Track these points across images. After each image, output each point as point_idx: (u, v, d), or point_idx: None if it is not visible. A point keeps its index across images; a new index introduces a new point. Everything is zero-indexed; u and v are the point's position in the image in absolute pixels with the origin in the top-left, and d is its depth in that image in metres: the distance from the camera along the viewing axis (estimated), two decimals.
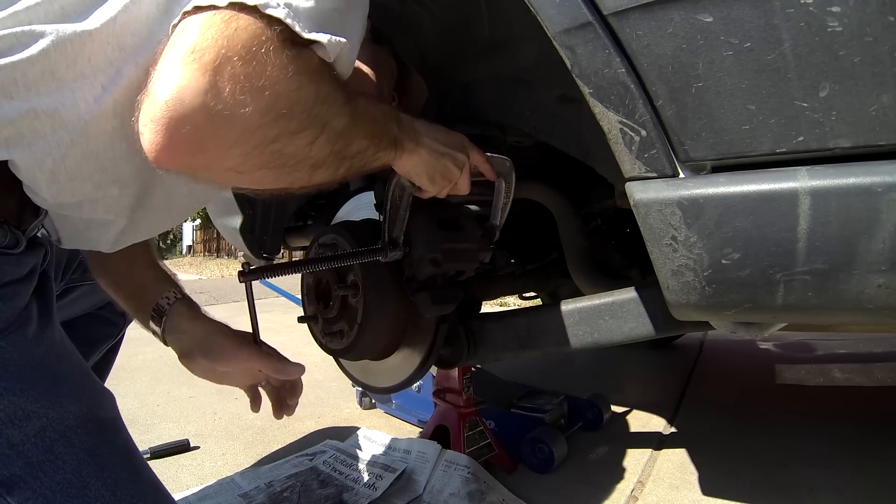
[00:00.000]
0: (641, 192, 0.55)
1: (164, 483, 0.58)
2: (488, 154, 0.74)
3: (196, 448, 1.30)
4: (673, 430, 1.34)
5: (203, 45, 0.37)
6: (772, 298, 0.52)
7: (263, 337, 0.71)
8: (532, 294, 1.91)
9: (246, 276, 0.65)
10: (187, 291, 0.72)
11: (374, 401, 1.57)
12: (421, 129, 0.62)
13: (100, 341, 0.99)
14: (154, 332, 0.69)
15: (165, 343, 0.68)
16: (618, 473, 1.11)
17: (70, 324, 0.94)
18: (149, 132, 0.38)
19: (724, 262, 0.53)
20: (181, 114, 0.37)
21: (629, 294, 0.82)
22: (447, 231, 0.84)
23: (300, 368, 0.72)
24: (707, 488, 1.03)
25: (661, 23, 0.50)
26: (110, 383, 1.08)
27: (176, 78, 0.37)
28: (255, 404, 0.75)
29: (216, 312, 0.72)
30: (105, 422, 0.54)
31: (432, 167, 0.64)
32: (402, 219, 0.72)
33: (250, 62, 0.38)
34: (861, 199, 0.45)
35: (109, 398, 0.58)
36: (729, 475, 1.07)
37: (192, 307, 0.69)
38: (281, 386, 0.75)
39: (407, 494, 0.99)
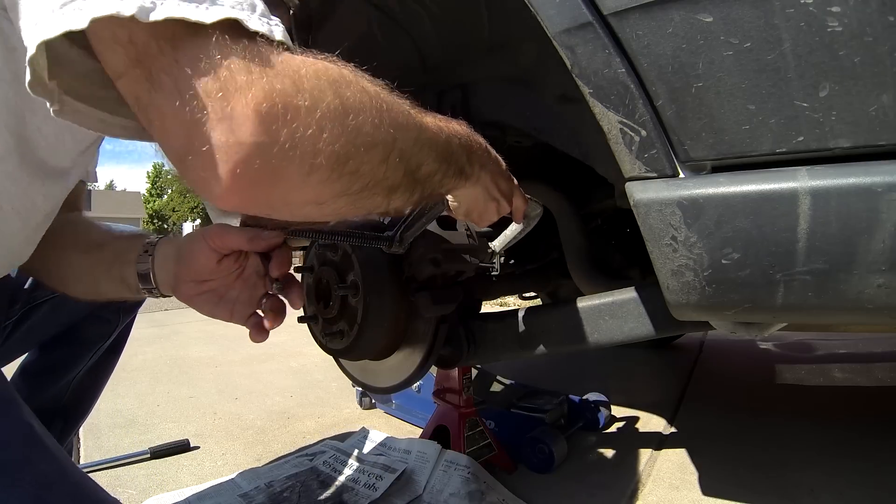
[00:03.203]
0: (641, 192, 0.55)
1: (163, 483, 0.57)
2: (527, 197, 0.74)
3: (196, 448, 1.30)
4: (673, 430, 1.34)
5: (237, 81, 0.33)
6: (772, 298, 0.52)
7: None
8: (532, 294, 1.92)
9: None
10: None
11: (374, 401, 1.57)
12: (487, 165, 0.60)
13: (92, 342, 0.98)
14: (151, 290, 0.63)
15: (164, 293, 0.63)
16: (618, 473, 1.11)
17: (68, 329, 0.94)
18: (216, 178, 0.34)
19: (724, 262, 0.53)
20: (250, 154, 0.33)
21: (629, 294, 0.82)
22: (447, 231, 0.84)
23: (276, 235, 0.60)
24: (707, 488, 1.03)
25: (661, 23, 0.50)
26: (110, 383, 1.08)
27: (231, 121, 0.33)
28: (259, 333, 0.63)
29: None
30: None
31: (478, 205, 0.63)
32: (421, 226, 0.72)
33: (286, 78, 0.35)
34: (861, 199, 0.45)
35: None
36: (729, 475, 1.07)
37: (168, 242, 0.64)
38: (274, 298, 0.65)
39: (407, 494, 0.99)
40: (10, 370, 0.96)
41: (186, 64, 0.33)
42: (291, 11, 0.67)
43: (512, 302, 3.19)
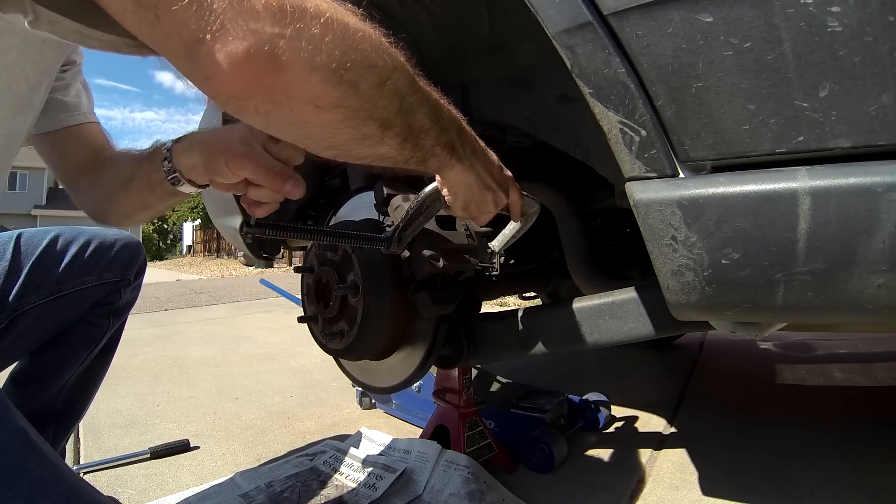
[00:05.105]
0: (641, 192, 0.55)
1: (163, 483, 0.57)
2: (524, 194, 0.74)
3: (196, 448, 1.30)
4: (673, 430, 1.34)
5: None
6: (772, 298, 0.52)
7: (262, 337, 0.70)
8: (532, 294, 1.92)
9: (249, 229, 0.63)
10: (187, 291, 0.70)
11: (374, 401, 1.57)
12: (478, 151, 0.61)
13: (82, 346, 0.97)
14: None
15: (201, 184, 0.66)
16: (618, 473, 1.11)
17: (57, 334, 0.93)
18: (226, 60, 0.36)
19: (724, 262, 0.53)
20: (261, 39, 0.37)
21: (629, 294, 0.82)
22: (447, 231, 0.84)
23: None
24: (707, 488, 1.03)
25: (661, 23, 0.50)
26: (110, 383, 1.08)
27: (247, 12, 0.36)
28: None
29: (216, 312, 0.72)
30: None
31: (474, 195, 0.63)
32: (419, 225, 0.72)
33: None
34: (861, 199, 0.45)
35: None
36: (729, 475, 1.07)
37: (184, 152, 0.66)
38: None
39: (407, 494, 0.99)
40: (0, 378, 0.96)
41: None
42: None
43: (512, 302, 3.19)
